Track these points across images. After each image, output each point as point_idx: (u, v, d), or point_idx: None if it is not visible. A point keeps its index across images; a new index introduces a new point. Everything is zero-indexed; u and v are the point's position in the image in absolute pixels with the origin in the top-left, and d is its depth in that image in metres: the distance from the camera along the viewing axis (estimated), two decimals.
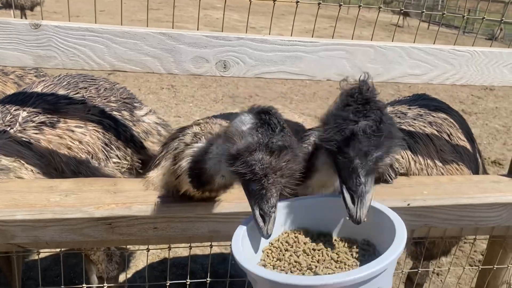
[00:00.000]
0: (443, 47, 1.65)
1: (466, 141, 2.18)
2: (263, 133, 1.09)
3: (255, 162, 1.07)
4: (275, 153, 1.08)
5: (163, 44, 1.46)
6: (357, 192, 1.14)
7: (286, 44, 1.53)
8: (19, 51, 1.38)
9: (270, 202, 1.09)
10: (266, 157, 1.07)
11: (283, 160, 1.09)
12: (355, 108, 1.17)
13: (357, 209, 1.14)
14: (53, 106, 1.82)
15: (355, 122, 1.15)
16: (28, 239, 1.55)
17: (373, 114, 1.16)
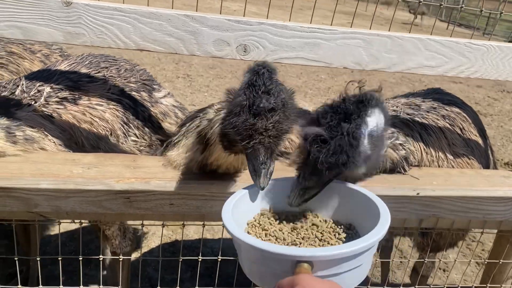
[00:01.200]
0: (459, 40, 1.68)
1: (478, 137, 2.21)
2: (248, 94, 1.14)
3: (239, 123, 1.14)
4: (259, 115, 1.13)
5: (187, 26, 1.51)
6: None
7: (306, 31, 1.58)
8: (51, 27, 1.45)
9: (259, 159, 1.16)
10: (251, 119, 1.13)
11: (269, 121, 1.14)
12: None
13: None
14: (75, 84, 1.89)
15: None
16: (50, 208, 1.62)
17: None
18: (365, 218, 1.20)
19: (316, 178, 1.25)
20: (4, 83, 1.81)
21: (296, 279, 0.90)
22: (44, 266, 3.01)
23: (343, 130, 1.18)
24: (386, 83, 9.28)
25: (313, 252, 0.99)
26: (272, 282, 0.98)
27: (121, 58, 2.28)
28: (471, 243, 3.93)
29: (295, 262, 0.98)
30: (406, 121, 1.96)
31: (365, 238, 1.03)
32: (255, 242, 1.02)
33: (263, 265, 1.05)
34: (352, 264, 1.02)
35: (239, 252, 1.13)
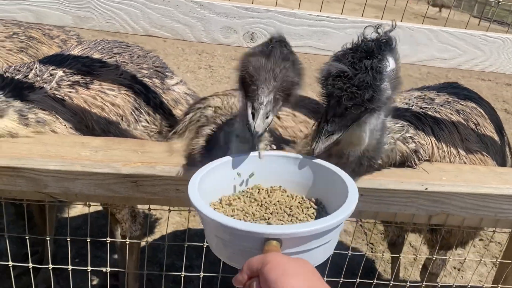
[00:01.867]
0: (474, 32, 1.63)
1: (494, 133, 2.15)
2: (264, 44, 1.22)
3: (250, 62, 1.18)
4: (270, 57, 1.18)
5: (195, 12, 1.52)
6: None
7: (315, 19, 1.56)
8: (61, 11, 1.48)
9: (260, 99, 1.17)
10: (261, 59, 1.18)
11: (278, 64, 1.17)
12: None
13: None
14: (87, 68, 1.93)
15: None
16: (59, 189, 1.66)
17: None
18: (333, 195, 1.19)
19: (339, 120, 1.24)
20: (18, 66, 1.86)
21: (266, 257, 0.89)
22: (60, 247, 3.10)
23: (367, 65, 1.18)
24: (411, 78, 9.11)
25: (282, 229, 0.98)
26: (240, 259, 0.97)
27: (134, 44, 2.31)
28: (489, 244, 3.84)
29: (264, 240, 0.96)
30: (418, 114, 1.93)
31: (334, 215, 1.03)
32: (223, 219, 1.00)
33: (232, 243, 1.03)
34: (320, 241, 1.02)
35: (206, 229, 1.12)
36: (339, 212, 1.04)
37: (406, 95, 2.10)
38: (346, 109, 1.23)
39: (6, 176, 1.59)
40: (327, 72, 1.21)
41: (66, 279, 2.80)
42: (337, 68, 1.19)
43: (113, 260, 3.09)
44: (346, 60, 1.20)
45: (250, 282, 0.90)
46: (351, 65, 1.19)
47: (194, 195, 1.09)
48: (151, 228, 3.54)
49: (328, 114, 1.24)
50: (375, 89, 1.20)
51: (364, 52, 1.20)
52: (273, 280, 0.84)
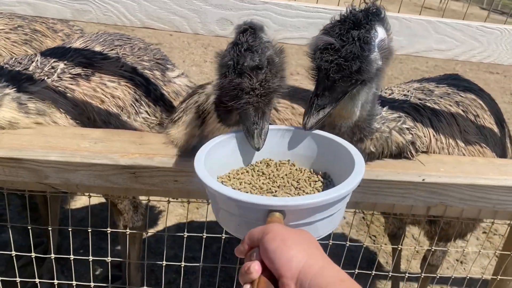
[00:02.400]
0: (471, 23, 1.62)
1: (494, 125, 2.14)
2: (232, 54, 1.13)
3: (226, 84, 1.13)
4: (244, 74, 1.11)
5: (191, 4, 1.53)
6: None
7: (311, 10, 1.57)
8: (59, 4, 1.50)
9: (250, 120, 1.16)
10: (236, 79, 1.12)
11: (255, 80, 1.12)
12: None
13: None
14: (89, 60, 1.95)
15: None
16: (60, 180, 1.69)
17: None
18: (341, 167, 1.19)
19: (329, 93, 1.24)
20: (19, 59, 1.89)
21: (267, 228, 0.90)
22: (65, 239, 3.15)
23: (354, 36, 1.17)
24: (418, 71, 9.06)
25: (284, 201, 0.99)
26: (245, 230, 0.98)
27: (135, 37, 2.33)
28: (493, 237, 3.83)
29: (267, 212, 0.98)
30: (416, 106, 1.92)
31: (337, 188, 1.03)
32: (228, 191, 1.01)
33: (236, 214, 1.05)
34: (324, 214, 1.03)
35: (212, 201, 1.13)
36: (343, 185, 1.04)
37: (405, 87, 2.10)
38: (335, 81, 1.22)
39: (7, 167, 1.62)
40: (315, 45, 1.20)
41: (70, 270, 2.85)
42: (324, 41, 1.18)
43: (117, 251, 3.13)
44: (333, 32, 1.18)
45: (251, 252, 0.92)
46: (338, 36, 1.17)
47: (200, 168, 1.10)
48: (155, 220, 3.58)
49: (318, 88, 1.24)
50: (363, 60, 1.18)
51: (352, 23, 1.18)
52: (272, 249, 0.85)
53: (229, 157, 1.28)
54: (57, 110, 1.76)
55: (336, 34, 1.18)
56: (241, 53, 1.12)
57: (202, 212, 3.68)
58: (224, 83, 1.14)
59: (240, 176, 1.24)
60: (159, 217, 3.57)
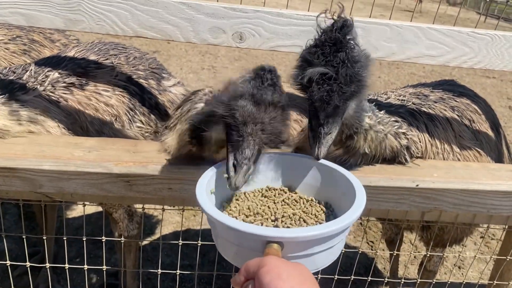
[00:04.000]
0: (462, 29, 1.64)
1: (489, 130, 2.15)
2: (253, 84, 1.13)
3: (237, 107, 1.11)
4: (260, 105, 1.11)
5: (183, 13, 1.54)
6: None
7: (302, 18, 1.58)
8: (52, 14, 1.51)
9: (245, 153, 1.11)
10: (250, 106, 1.11)
11: (267, 115, 1.12)
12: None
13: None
14: (83, 70, 1.96)
15: None
16: (54, 189, 1.69)
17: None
18: (342, 198, 1.19)
19: (332, 119, 1.25)
20: (13, 68, 1.89)
21: (263, 260, 0.91)
22: (61, 248, 3.14)
23: (343, 59, 1.17)
24: (414, 76, 9.09)
25: (282, 233, 0.99)
26: (243, 259, 0.98)
27: (131, 46, 2.34)
28: (490, 241, 3.83)
29: (265, 242, 0.98)
30: (412, 111, 1.93)
31: (336, 221, 1.03)
32: (227, 220, 1.01)
33: (235, 243, 1.05)
34: (323, 246, 1.02)
35: (213, 229, 1.14)
36: (343, 217, 1.04)
37: (401, 92, 2.11)
38: (337, 106, 1.23)
39: (1, 176, 1.62)
40: (309, 79, 1.19)
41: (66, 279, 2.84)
42: (317, 72, 1.17)
43: (114, 259, 3.13)
44: (317, 60, 1.18)
45: (246, 284, 0.92)
46: (326, 63, 1.17)
47: (201, 195, 1.11)
48: (152, 228, 3.57)
49: (320, 117, 1.24)
50: (359, 79, 1.21)
51: (332, 44, 1.18)
52: (266, 283, 0.86)
53: None
54: (50, 119, 1.76)
55: (322, 61, 1.18)
56: (263, 85, 1.14)
57: (199, 220, 3.68)
58: (236, 106, 1.12)
59: (241, 203, 1.24)
60: (156, 225, 3.56)
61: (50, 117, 1.77)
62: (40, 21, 1.51)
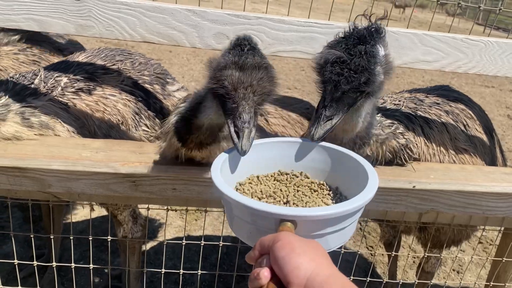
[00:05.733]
0: (456, 36, 1.70)
1: (483, 134, 2.20)
2: (233, 53, 1.19)
3: (225, 77, 1.16)
4: (245, 70, 1.16)
5: (189, 19, 1.61)
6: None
7: (302, 25, 1.65)
8: (63, 20, 1.58)
9: (243, 117, 1.16)
10: (236, 72, 1.16)
11: (254, 77, 1.17)
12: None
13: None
14: (90, 75, 2.02)
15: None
16: (62, 189, 1.74)
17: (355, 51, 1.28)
18: (354, 182, 1.21)
19: (337, 105, 1.31)
20: (24, 73, 1.96)
21: (277, 236, 0.93)
22: (65, 250, 3.18)
23: (361, 50, 1.26)
24: (414, 86, 9.17)
25: (297, 211, 1.02)
26: (257, 238, 1.00)
27: (136, 52, 2.41)
28: (489, 247, 3.87)
29: (279, 221, 1.01)
30: (408, 114, 1.99)
31: (350, 201, 1.06)
32: (242, 199, 1.04)
33: (249, 222, 1.08)
34: (335, 227, 1.05)
35: (227, 209, 1.17)
36: (355, 199, 1.06)
37: (396, 96, 2.17)
38: (344, 93, 1.29)
39: (12, 176, 1.67)
40: (325, 60, 1.28)
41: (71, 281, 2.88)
42: (334, 55, 1.26)
43: (117, 262, 3.17)
44: (340, 47, 1.27)
45: (261, 259, 0.94)
46: (346, 51, 1.26)
47: (216, 176, 1.13)
48: (155, 232, 3.62)
49: (326, 100, 1.30)
50: (370, 72, 1.28)
51: (357, 38, 1.28)
52: (281, 257, 0.88)
53: (246, 165, 1.32)
54: (59, 123, 1.83)
55: (342, 49, 1.27)
56: (243, 52, 1.19)
57: (200, 224, 3.72)
58: (222, 76, 1.17)
59: (254, 185, 1.28)
60: (159, 228, 3.61)
61: (60, 122, 1.83)
62: (52, 27, 1.58)
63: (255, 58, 1.19)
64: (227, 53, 1.20)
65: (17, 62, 2.54)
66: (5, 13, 1.58)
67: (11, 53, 2.54)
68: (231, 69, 1.17)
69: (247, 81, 1.17)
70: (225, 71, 1.17)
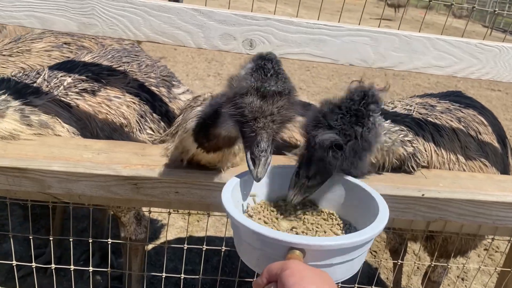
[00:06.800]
0: (470, 41, 1.65)
1: (495, 142, 2.15)
2: (256, 77, 1.12)
3: (245, 104, 1.11)
4: (266, 97, 1.11)
5: (195, 19, 1.56)
6: None
7: (312, 27, 1.60)
8: (66, 18, 1.54)
9: (260, 146, 1.12)
10: (257, 100, 1.11)
11: (275, 105, 1.12)
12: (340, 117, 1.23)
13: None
14: (96, 76, 1.98)
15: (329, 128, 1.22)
16: (62, 190, 1.70)
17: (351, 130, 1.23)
18: (364, 214, 1.20)
19: (320, 177, 1.26)
20: (27, 72, 1.92)
21: (286, 264, 0.92)
22: (66, 250, 3.15)
23: (357, 134, 1.21)
24: (419, 88, 9.10)
25: (306, 240, 1.00)
26: (265, 265, 0.99)
27: (143, 53, 2.37)
28: (494, 254, 3.81)
29: (288, 248, 0.99)
30: (418, 120, 1.94)
31: (360, 233, 1.04)
32: (252, 225, 1.03)
33: (258, 248, 1.06)
34: (344, 258, 1.03)
35: (236, 234, 1.15)
36: (365, 230, 1.05)
37: (408, 101, 2.12)
38: (331, 170, 1.25)
39: (11, 176, 1.64)
40: (320, 142, 1.21)
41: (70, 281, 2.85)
42: (330, 140, 1.20)
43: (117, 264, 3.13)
44: (335, 123, 1.21)
45: (268, 286, 0.93)
46: (342, 132, 1.21)
47: (227, 200, 1.13)
48: (156, 233, 3.58)
49: (310, 171, 1.25)
50: (361, 157, 1.24)
51: (354, 116, 1.22)
52: (289, 285, 0.86)
53: (261, 188, 1.31)
54: (60, 124, 1.79)
55: (339, 127, 1.21)
56: (266, 77, 1.13)
57: (202, 225, 3.68)
58: (243, 103, 1.12)
59: (262, 213, 1.26)
60: (160, 229, 3.57)
61: (60, 122, 1.79)
62: (54, 25, 1.54)
63: (278, 85, 1.13)
64: (249, 76, 1.14)
65: (48, 58, 2.43)
66: (7, 10, 1.54)
67: (42, 50, 2.46)
68: (252, 96, 1.12)
69: (268, 110, 1.12)
70: (246, 98, 1.12)
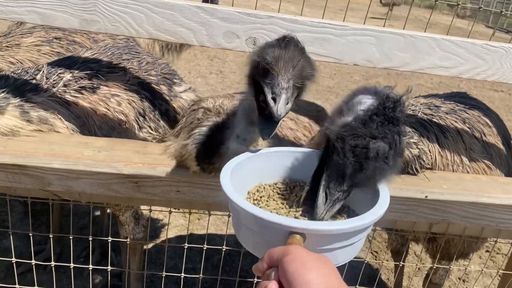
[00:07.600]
0: (475, 41, 1.63)
1: (500, 144, 2.13)
2: (277, 39, 1.21)
3: (267, 52, 1.17)
4: (287, 49, 1.17)
5: (198, 17, 1.54)
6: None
7: (316, 25, 1.58)
8: (67, 14, 1.52)
9: (281, 84, 1.14)
10: (278, 49, 1.17)
11: (295, 56, 1.17)
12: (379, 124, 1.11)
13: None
14: (95, 73, 1.96)
15: (373, 138, 1.09)
16: (62, 188, 1.69)
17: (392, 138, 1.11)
18: (365, 198, 1.18)
19: (348, 192, 1.15)
20: (26, 68, 1.90)
21: (287, 249, 0.90)
22: (65, 247, 3.14)
23: (397, 142, 1.10)
24: (422, 88, 9.07)
25: (306, 224, 0.99)
26: (264, 249, 0.97)
27: (144, 51, 2.35)
28: (496, 256, 3.80)
29: (288, 233, 0.98)
30: (423, 121, 1.92)
31: (360, 217, 1.02)
32: (252, 208, 1.01)
33: (258, 233, 1.05)
34: (345, 242, 1.02)
35: (235, 217, 1.13)
36: (366, 215, 1.03)
37: (413, 102, 2.10)
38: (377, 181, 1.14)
39: (11, 173, 1.62)
40: (374, 151, 1.09)
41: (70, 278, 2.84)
42: (383, 150, 1.09)
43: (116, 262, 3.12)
44: (376, 130, 1.10)
45: (269, 271, 0.91)
46: (384, 139, 1.10)
47: (226, 183, 1.10)
48: (157, 231, 3.57)
49: (345, 183, 1.12)
50: (397, 164, 1.13)
51: (392, 124, 1.11)
52: (291, 271, 0.85)
53: (255, 174, 1.28)
54: (59, 120, 1.77)
55: (380, 135, 1.09)
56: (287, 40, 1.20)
57: (203, 223, 3.67)
58: (265, 52, 1.18)
59: (261, 195, 1.24)
60: (160, 228, 3.56)
61: (59, 119, 1.77)
62: (55, 21, 1.52)
63: (297, 43, 1.21)
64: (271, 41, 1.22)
65: (37, 53, 2.40)
66: (8, 5, 1.52)
67: (32, 45, 2.42)
68: (273, 47, 1.18)
69: (288, 57, 1.16)
70: (268, 49, 1.18)
